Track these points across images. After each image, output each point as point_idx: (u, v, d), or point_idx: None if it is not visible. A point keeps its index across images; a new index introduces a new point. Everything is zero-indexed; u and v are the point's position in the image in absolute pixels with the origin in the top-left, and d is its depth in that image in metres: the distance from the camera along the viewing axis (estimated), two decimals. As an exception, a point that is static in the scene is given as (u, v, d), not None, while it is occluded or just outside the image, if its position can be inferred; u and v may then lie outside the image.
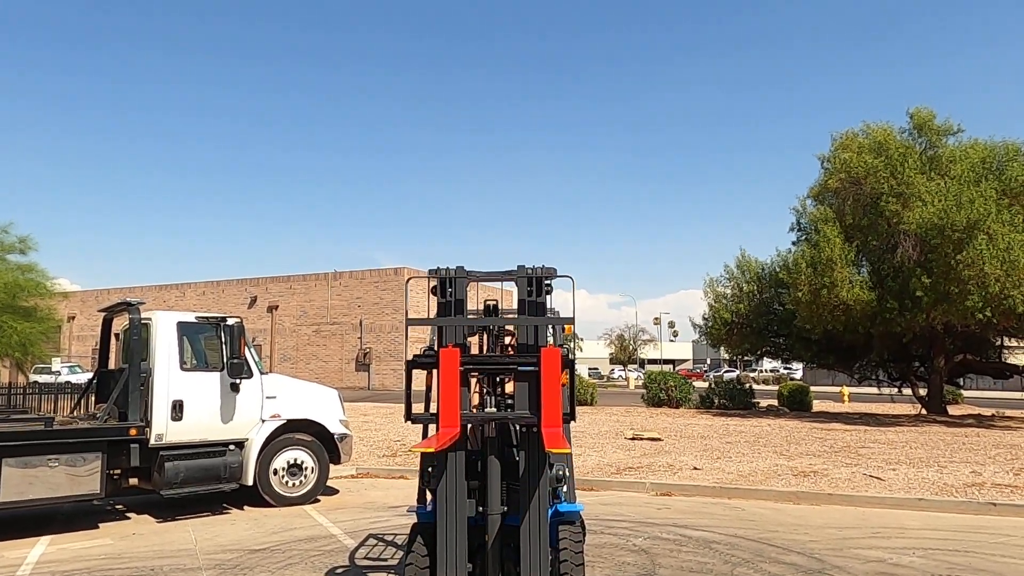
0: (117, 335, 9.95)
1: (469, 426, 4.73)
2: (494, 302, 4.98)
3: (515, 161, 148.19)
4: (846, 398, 32.56)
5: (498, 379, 4.89)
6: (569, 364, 4.56)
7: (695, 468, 11.60)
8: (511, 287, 4.97)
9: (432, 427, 4.85)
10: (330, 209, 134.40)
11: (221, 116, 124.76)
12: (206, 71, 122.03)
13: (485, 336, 5.63)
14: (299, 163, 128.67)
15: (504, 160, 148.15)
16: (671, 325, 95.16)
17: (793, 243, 25.43)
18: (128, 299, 8.85)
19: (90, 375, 10.70)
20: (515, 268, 4.81)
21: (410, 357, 4.76)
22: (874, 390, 28.63)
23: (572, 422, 4.68)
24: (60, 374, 35.26)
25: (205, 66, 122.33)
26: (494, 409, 4.78)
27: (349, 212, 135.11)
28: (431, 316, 4.84)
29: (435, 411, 4.54)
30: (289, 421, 9.31)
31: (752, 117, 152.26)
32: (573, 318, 4.91)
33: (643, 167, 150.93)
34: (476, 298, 4.99)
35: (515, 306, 4.93)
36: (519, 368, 4.62)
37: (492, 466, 4.51)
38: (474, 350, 5.24)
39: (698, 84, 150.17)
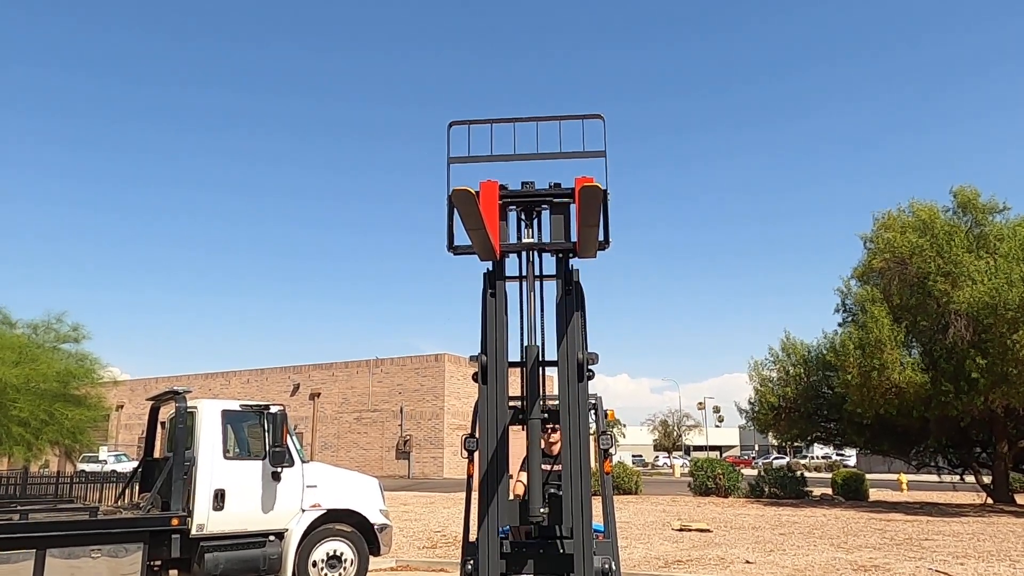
0: (163, 423, 10.09)
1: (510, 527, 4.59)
2: (532, 183, 4.83)
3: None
4: (904, 486, 31.10)
5: (534, 213, 4.92)
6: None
7: (748, 562, 11.09)
8: (552, 372, 4.95)
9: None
10: (371, 296, 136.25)
11: (260, 201, 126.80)
12: (244, 148, 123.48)
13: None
14: (341, 249, 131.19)
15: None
16: (716, 410, 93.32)
17: (839, 324, 24.93)
18: (176, 388, 9.00)
19: (136, 464, 10.80)
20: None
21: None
22: (934, 477, 27.33)
23: (605, 248, 4.71)
24: (107, 463, 35.62)
25: (243, 143, 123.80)
26: (533, 240, 4.90)
27: (390, 299, 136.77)
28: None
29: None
30: (329, 511, 9.20)
31: (792, 197, 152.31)
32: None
33: (680, 248, 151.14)
34: (517, 384, 4.94)
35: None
36: (554, 200, 4.81)
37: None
38: (517, 442, 5.16)
39: (740, 154, 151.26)
